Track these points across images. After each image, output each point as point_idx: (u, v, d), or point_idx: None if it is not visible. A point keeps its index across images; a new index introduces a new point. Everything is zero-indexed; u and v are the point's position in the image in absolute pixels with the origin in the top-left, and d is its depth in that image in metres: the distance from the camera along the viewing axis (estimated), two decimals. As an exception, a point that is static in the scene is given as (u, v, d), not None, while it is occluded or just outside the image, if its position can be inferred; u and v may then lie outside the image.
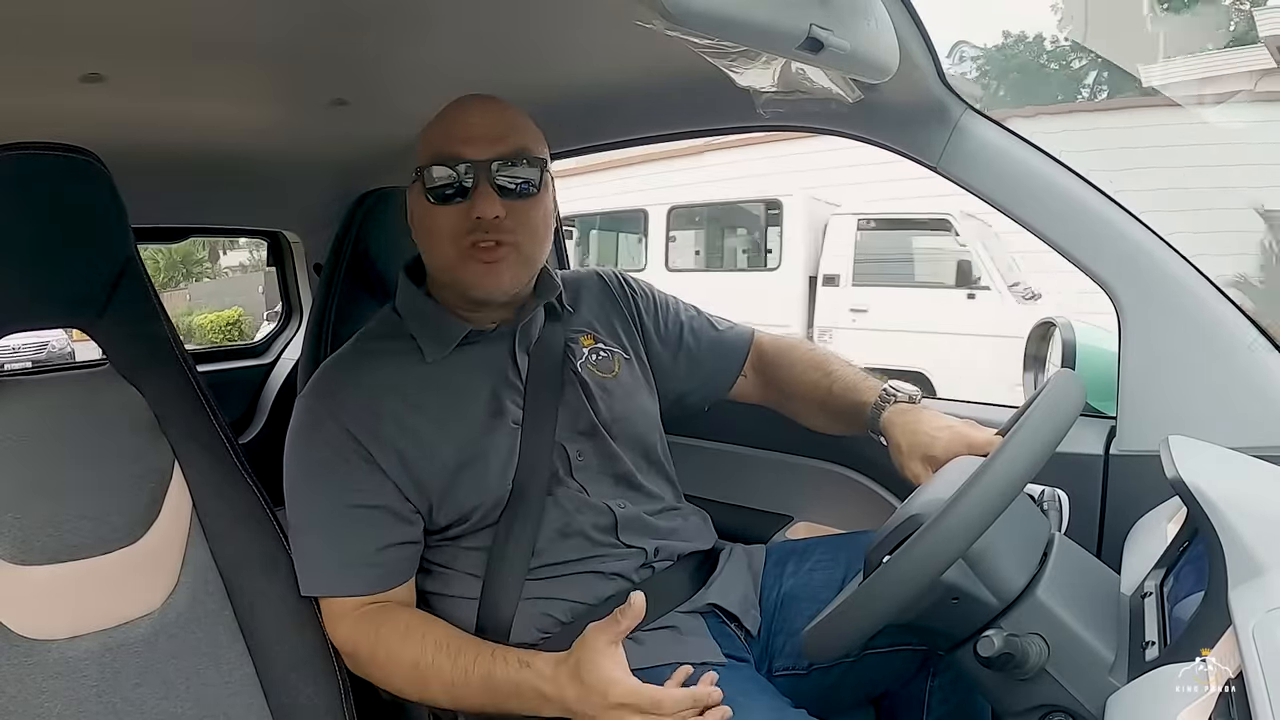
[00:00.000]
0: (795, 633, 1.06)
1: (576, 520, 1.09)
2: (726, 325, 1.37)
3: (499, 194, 1.06)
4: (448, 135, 1.08)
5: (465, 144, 1.06)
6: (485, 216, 1.05)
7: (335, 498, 1.06)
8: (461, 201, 1.06)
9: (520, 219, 1.07)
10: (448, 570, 1.11)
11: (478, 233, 1.06)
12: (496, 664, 0.98)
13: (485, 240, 1.06)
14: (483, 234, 1.06)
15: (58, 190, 1.04)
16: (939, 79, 1.13)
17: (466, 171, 1.06)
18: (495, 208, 1.05)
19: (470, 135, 1.07)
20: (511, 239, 1.07)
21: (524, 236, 1.09)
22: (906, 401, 1.15)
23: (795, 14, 0.74)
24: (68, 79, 1.17)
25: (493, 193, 1.05)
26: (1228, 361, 1.03)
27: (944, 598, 0.80)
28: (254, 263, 17.47)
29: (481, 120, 1.08)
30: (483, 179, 1.05)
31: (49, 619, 0.96)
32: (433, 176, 1.07)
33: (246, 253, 17.63)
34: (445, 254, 1.09)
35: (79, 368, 1.13)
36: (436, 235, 1.08)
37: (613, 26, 1.12)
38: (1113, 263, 1.08)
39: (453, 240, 1.07)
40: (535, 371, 1.16)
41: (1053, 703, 0.77)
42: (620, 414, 1.18)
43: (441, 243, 1.08)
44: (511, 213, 1.06)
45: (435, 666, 1.00)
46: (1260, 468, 0.84)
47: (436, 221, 1.08)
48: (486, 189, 1.05)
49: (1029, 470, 0.77)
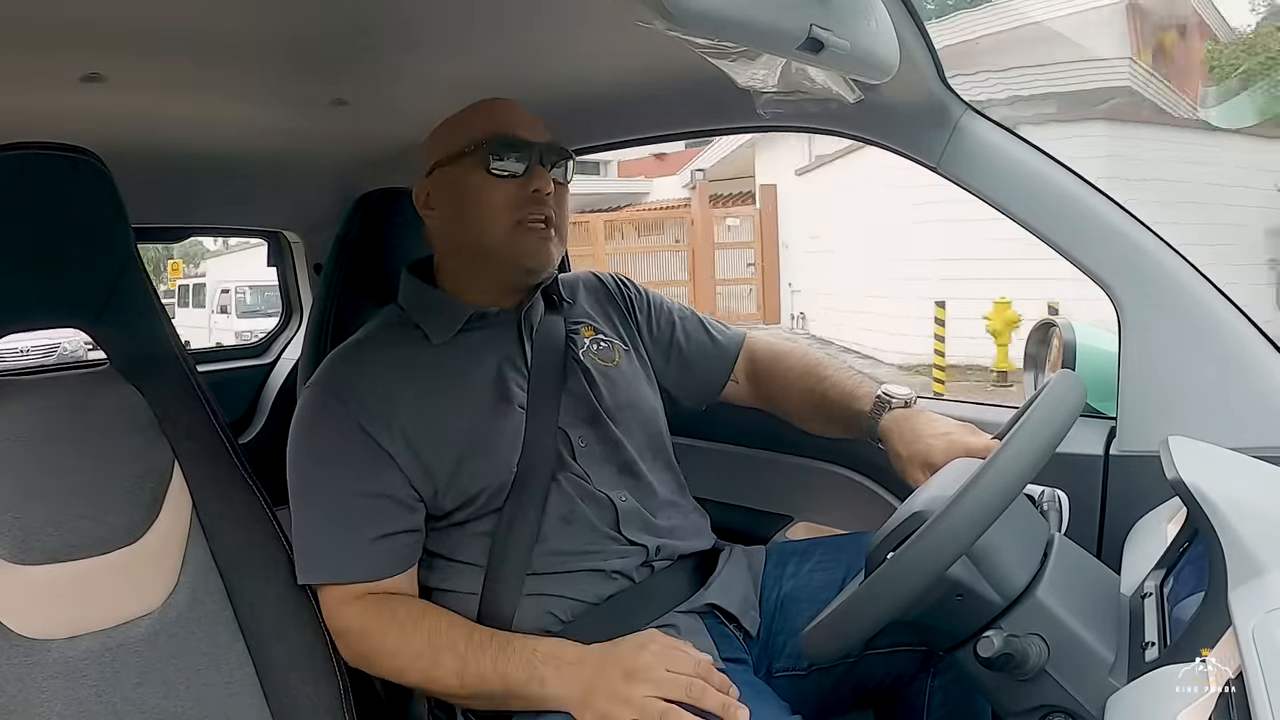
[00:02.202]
0: (795, 633, 1.06)
1: (580, 508, 1.10)
2: (719, 329, 1.38)
3: (550, 175, 1.14)
4: (504, 120, 1.14)
5: (521, 127, 1.14)
6: (543, 190, 1.12)
7: (340, 485, 1.07)
8: (522, 178, 1.12)
9: (560, 202, 1.16)
10: (450, 561, 1.11)
11: (532, 206, 1.12)
12: (514, 636, 1.01)
13: (537, 214, 1.12)
14: (537, 207, 1.12)
15: (58, 190, 1.04)
16: (939, 79, 1.13)
17: (526, 151, 1.12)
18: (549, 184, 1.13)
19: (523, 121, 1.15)
20: (555, 219, 1.15)
21: (562, 219, 1.17)
22: (902, 406, 1.15)
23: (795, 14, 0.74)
24: (68, 79, 1.17)
25: (546, 172, 1.13)
26: (1228, 361, 1.03)
27: (948, 594, 0.80)
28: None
29: (523, 113, 1.17)
30: (538, 160, 1.13)
31: (49, 619, 0.96)
32: (498, 150, 1.12)
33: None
34: (501, 225, 1.13)
35: (79, 368, 1.13)
36: (494, 208, 1.13)
37: (613, 27, 1.12)
38: (1113, 263, 1.08)
39: (510, 212, 1.12)
40: (539, 357, 1.17)
41: (1053, 703, 0.77)
42: (623, 401, 1.20)
43: (499, 215, 1.13)
44: (555, 194, 1.14)
45: (450, 642, 1.01)
46: (1260, 468, 0.84)
47: (495, 195, 1.12)
48: (541, 169, 1.13)
49: (1030, 469, 0.77)
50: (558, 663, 0.97)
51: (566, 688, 0.95)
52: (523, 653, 0.98)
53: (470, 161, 1.12)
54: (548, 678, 0.96)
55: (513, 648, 0.99)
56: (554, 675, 0.96)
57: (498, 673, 0.98)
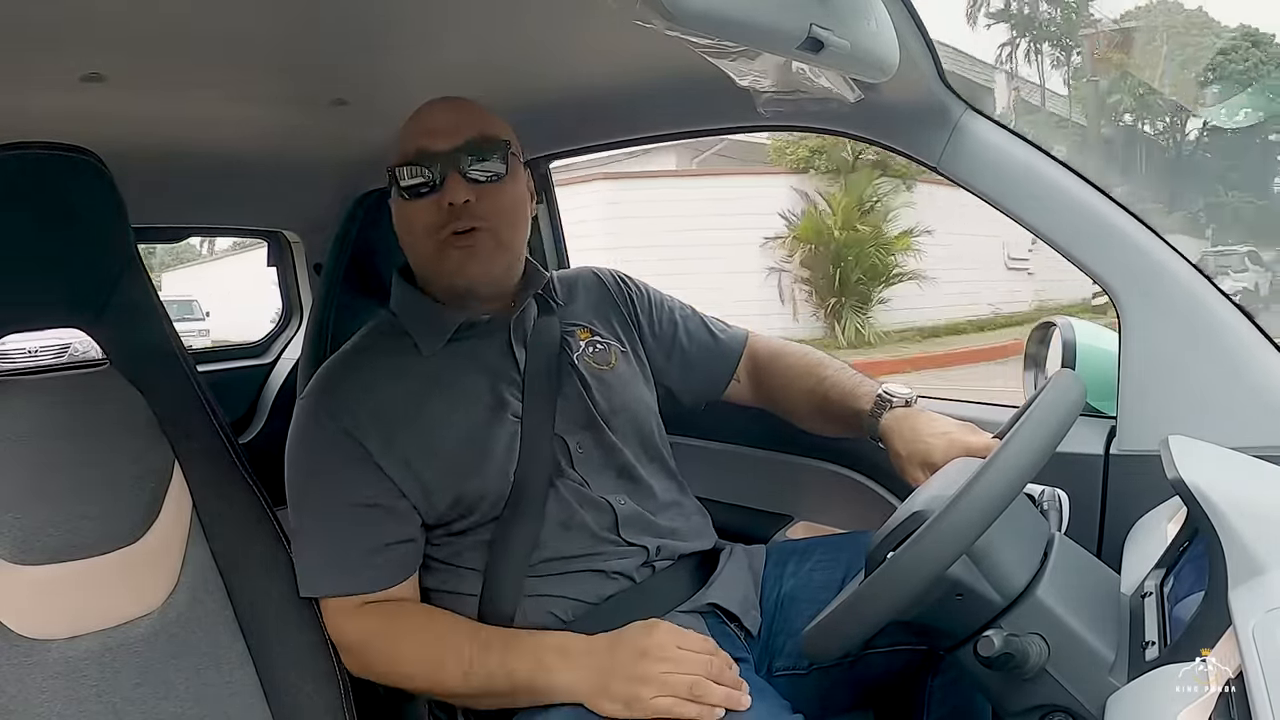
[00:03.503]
0: (795, 633, 1.06)
1: (579, 514, 1.10)
2: (721, 328, 1.38)
3: (467, 181, 1.08)
4: (413, 134, 1.11)
5: (429, 138, 1.09)
6: (456, 202, 1.07)
7: (336, 498, 1.06)
8: (433, 194, 1.08)
9: (492, 204, 1.10)
10: (449, 566, 1.11)
11: (452, 222, 1.08)
12: (519, 632, 1.01)
13: (460, 227, 1.08)
14: (457, 221, 1.08)
15: (58, 190, 1.04)
16: (939, 79, 1.13)
17: (434, 164, 1.08)
18: (464, 193, 1.07)
19: (434, 129, 1.10)
20: (485, 225, 1.09)
21: (497, 221, 1.11)
22: (902, 406, 1.15)
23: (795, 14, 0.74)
24: (68, 79, 1.17)
25: (461, 180, 1.08)
26: (1228, 361, 1.03)
27: (948, 594, 0.80)
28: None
29: (443, 115, 1.12)
30: (450, 169, 1.08)
31: (49, 619, 0.96)
32: (403, 174, 1.10)
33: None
34: (425, 248, 1.11)
35: (79, 368, 1.12)
36: (415, 231, 1.11)
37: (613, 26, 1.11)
38: (1113, 263, 1.08)
39: (429, 234, 1.09)
40: (532, 364, 1.16)
41: (1053, 703, 0.77)
42: (618, 406, 1.19)
43: (420, 238, 1.11)
44: (482, 198, 1.08)
45: (454, 644, 1.01)
46: (1260, 468, 0.84)
47: (413, 217, 1.10)
48: (455, 177, 1.08)
49: (1030, 469, 0.77)
50: (565, 652, 0.97)
51: (577, 676, 0.95)
52: (528, 647, 0.98)
53: (393, 188, 1.12)
54: (555, 666, 0.96)
55: (518, 643, 0.99)
56: (562, 664, 0.96)
57: (504, 669, 0.98)
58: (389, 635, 1.04)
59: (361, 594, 1.06)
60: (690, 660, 0.94)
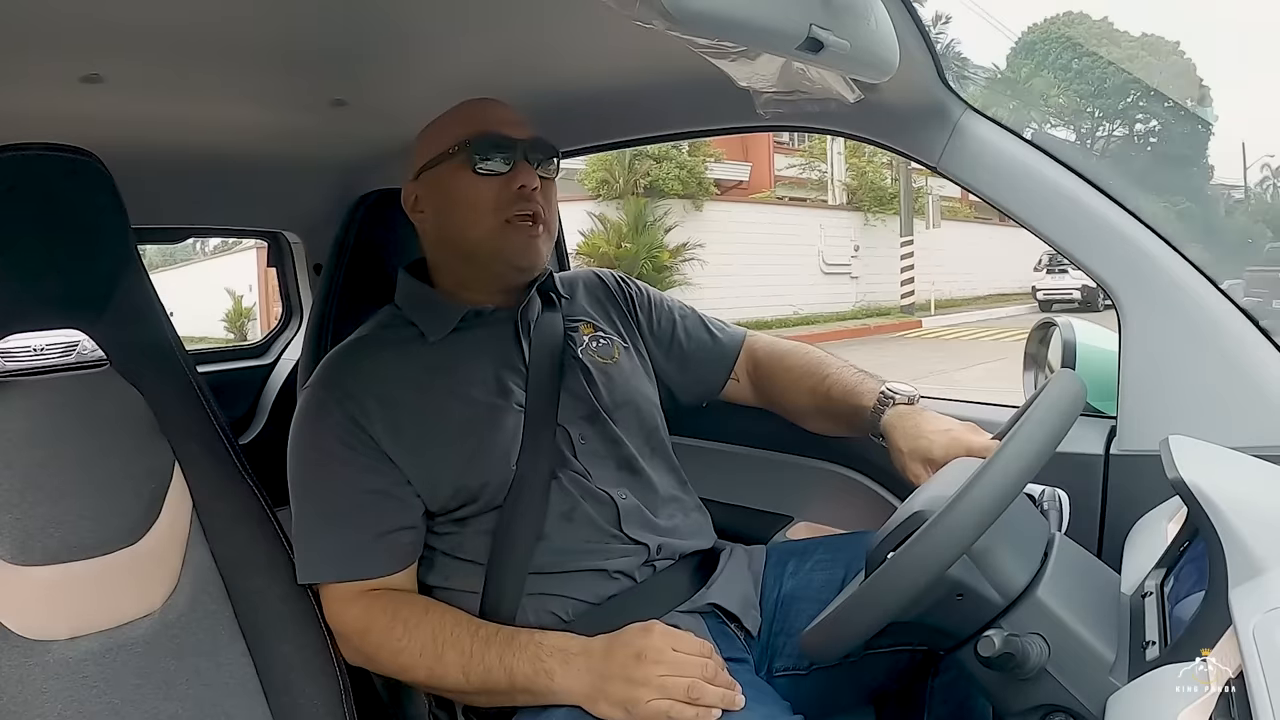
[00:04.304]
0: (795, 633, 1.06)
1: (581, 506, 1.10)
2: (720, 327, 1.38)
3: (535, 171, 1.14)
4: (486, 118, 1.15)
5: (505, 125, 1.14)
6: (528, 186, 1.12)
7: (339, 483, 1.07)
8: (503, 175, 1.12)
9: (547, 197, 1.16)
10: (452, 558, 1.11)
11: (519, 203, 1.12)
12: (519, 630, 1.01)
13: (524, 210, 1.12)
14: (523, 204, 1.12)
15: (58, 190, 1.04)
16: (939, 79, 1.13)
17: (512, 149, 1.12)
18: (535, 180, 1.13)
19: (506, 119, 1.15)
20: (543, 214, 1.14)
21: (550, 215, 1.16)
22: (905, 403, 1.15)
23: (795, 14, 0.74)
24: (68, 79, 1.17)
25: (531, 168, 1.13)
26: (1228, 361, 1.03)
27: (948, 594, 0.80)
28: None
29: (507, 110, 1.17)
30: (522, 157, 1.13)
31: (49, 619, 0.96)
32: (483, 148, 1.12)
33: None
34: (489, 223, 1.13)
35: (79, 368, 1.12)
36: (480, 207, 1.13)
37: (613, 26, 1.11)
38: (1113, 262, 1.08)
39: (496, 210, 1.12)
40: (537, 355, 1.18)
41: (1053, 703, 0.77)
42: (621, 399, 1.20)
43: (484, 214, 1.13)
44: (542, 189, 1.14)
45: (454, 638, 1.01)
46: (1260, 468, 0.84)
47: (481, 193, 1.13)
48: (526, 165, 1.13)
49: (1031, 468, 0.77)
50: (565, 655, 0.97)
51: (575, 680, 0.96)
52: (528, 647, 0.98)
53: (456, 162, 1.13)
54: (555, 671, 0.96)
55: (518, 642, 0.99)
56: (562, 668, 0.96)
57: (504, 668, 0.98)
58: (388, 624, 1.04)
59: (362, 579, 1.06)
60: (686, 663, 0.94)
